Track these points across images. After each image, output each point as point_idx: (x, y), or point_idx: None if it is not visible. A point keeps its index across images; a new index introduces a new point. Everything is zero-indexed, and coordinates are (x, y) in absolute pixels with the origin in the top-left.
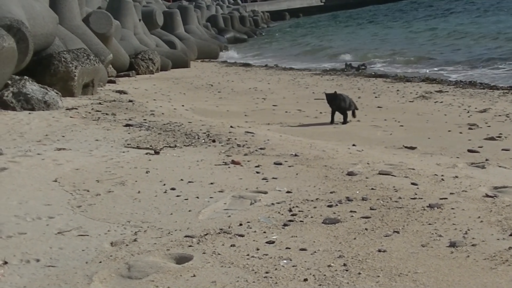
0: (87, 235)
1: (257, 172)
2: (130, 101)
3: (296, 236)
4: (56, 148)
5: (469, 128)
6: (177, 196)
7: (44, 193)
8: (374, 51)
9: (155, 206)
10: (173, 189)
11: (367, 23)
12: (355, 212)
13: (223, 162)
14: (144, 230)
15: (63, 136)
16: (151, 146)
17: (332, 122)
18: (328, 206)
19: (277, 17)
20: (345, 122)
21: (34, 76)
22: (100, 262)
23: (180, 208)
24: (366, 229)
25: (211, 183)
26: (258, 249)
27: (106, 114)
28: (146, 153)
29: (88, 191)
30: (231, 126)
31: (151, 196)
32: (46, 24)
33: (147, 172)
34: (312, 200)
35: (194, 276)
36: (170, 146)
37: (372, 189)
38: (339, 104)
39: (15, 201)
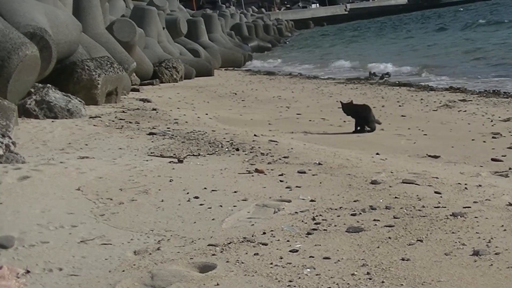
0: (110, 244)
1: (281, 181)
2: (154, 109)
3: (320, 245)
4: (79, 156)
5: (493, 137)
6: (201, 204)
7: (67, 201)
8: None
9: (179, 214)
10: (196, 197)
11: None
12: (379, 220)
13: (247, 170)
14: (168, 239)
15: (86, 145)
16: (174, 154)
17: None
18: (352, 214)
19: (301, 26)
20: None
21: (57, 84)
22: (123, 271)
23: (204, 216)
24: (389, 237)
25: (235, 192)
26: (281, 258)
27: (130, 122)
28: (170, 162)
29: (111, 199)
30: (254, 135)
31: (175, 205)
32: (69, 32)
33: (170, 181)
34: (335, 209)
35: (217, 285)
36: (193, 155)
37: (395, 197)
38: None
39: (37, 210)
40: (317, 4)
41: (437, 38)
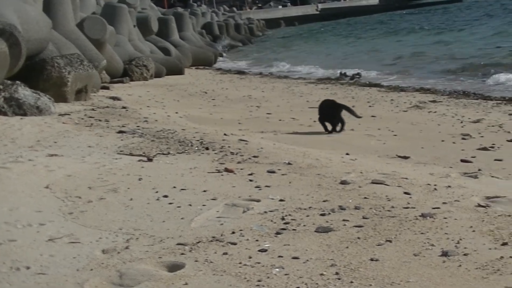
0: (79, 242)
1: (250, 180)
2: (124, 107)
3: (289, 245)
4: (48, 154)
5: (463, 138)
6: (170, 203)
7: (35, 199)
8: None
9: (148, 213)
10: (165, 196)
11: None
12: (348, 221)
13: (216, 169)
14: (136, 238)
15: (55, 142)
16: (144, 153)
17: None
18: (321, 214)
19: (272, 25)
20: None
21: (27, 81)
22: (92, 269)
23: (173, 215)
24: (358, 238)
25: (204, 191)
26: (250, 257)
27: (99, 120)
28: (139, 160)
29: (80, 198)
30: (224, 134)
31: (144, 204)
32: (39, 28)
33: (139, 179)
34: (305, 209)
35: (186, 284)
36: (163, 153)
37: (365, 198)
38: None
39: (5, 208)
40: (289, 4)
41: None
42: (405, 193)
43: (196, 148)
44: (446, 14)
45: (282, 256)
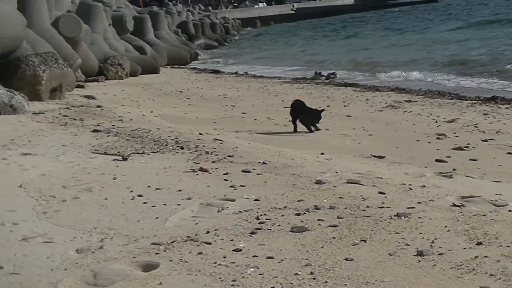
0: (52, 242)
1: (225, 180)
2: (99, 106)
3: (264, 244)
4: (22, 153)
5: (438, 138)
6: (145, 203)
7: (8, 198)
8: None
9: (122, 213)
10: (140, 196)
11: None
12: (323, 220)
13: (191, 169)
14: (111, 237)
15: (29, 141)
16: (119, 152)
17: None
18: (296, 214)
19: (248, 24)
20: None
21: (1, 79)
22: (65, 269)
23: (147, 215)
24: (333, 237)
25: (179, 190)
26: (225, 257)
27: (74, 119)
28: (114, 159)
29: (54, 197)
30: (199, 133)
31: (118, 203)
32: (14, 26)
33: (114, 179)
34: (280, 208)
35: (160, 284)
36: (138, 153)
37: (340, 197)
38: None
39: None
40: (264, 3)
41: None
42: (380, 192)
43: (171, 148)
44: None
45: (257, 256)
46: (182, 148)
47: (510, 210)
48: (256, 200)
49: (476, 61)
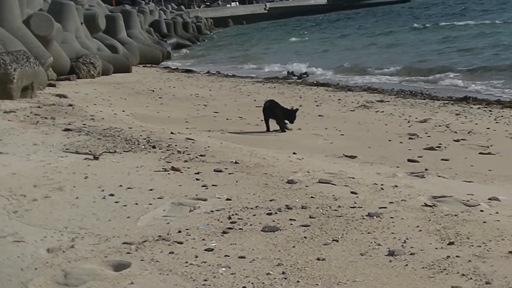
0: (23, 241)
1: (197, 179)
2: (70, 105)
3: (235, 244)
4: None
5: (410, 138)
6: (116, 202)
7: None
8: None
9: (93, 212)
10: (112, 195)
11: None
12: (295, 220)
13: (163, 168)
14: (82, 237)
15: (0, 140)
16: (90, 151)
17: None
18: (268, 214)
19: (220, 24)
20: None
21: None
22: (36, 269)
23: (119, 214)
24: (305, 237)
25: (151, 190)
26: (196, 257)
27: (45, 118)
28: (85, 158)
29: (24, 196)
30: (171, 133)
31: (89, 202)
32: None
33: (85, 178)
34: (251, 208)
35: (132, 283)
36: (109, 152)
37: (311, 197)
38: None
39: None
40: (237, 3)
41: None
42: (352, 192)
43: (143, 147)
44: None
45: (228, 256)
46: (154, 147)
47: (481, 210)
48: (228, 199)
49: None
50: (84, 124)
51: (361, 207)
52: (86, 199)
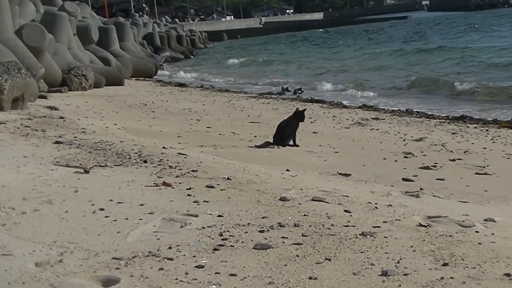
0: (11, 255)
1: (189, 195)
2: (61, 117)
3: (226, 261)
4: None
5: (405, 157)
6: (106, 216)
7: None
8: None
9: (83, 226)
10: (102, 209)
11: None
12: (287, 238)
13: (154, 183)
14: (71, 251)
15: None
16: (81, 164)
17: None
18: (260, 231)
19: (215, 38)
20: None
21: None
22: (24, 283)
23: (109, 229)
24: (297, 255)
25: (141, 205)
26: (187, 273)
27: (36, 130)
28: (76, 172)
29: (13, 209)
30: (163, 147)
31: (79, 216)
32: None
33: (75, 191)
34: (243, 225)
35: None
36: (100, 165)
37: (304, 215)
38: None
39: None
40: (232, 17)
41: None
42: (346, 211)
43: (134, 161)
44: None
45: (219, 273)
46: (145, 161)
47: (477, 231)
48: (219, 216)
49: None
50: (75, 137)
51: (354, 226)
52: (76, 213)
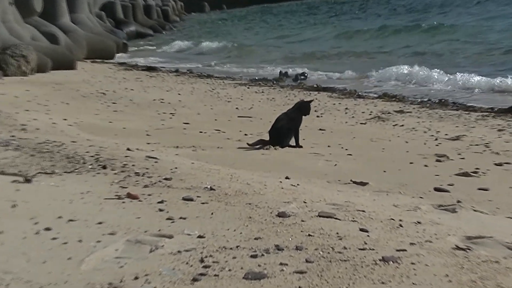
0: None
1: (161, 210)
2: None
3: None
4: None
5: (437, 160)
6: (53, 238)
7: None
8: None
9: (23, 251)
10: (48, 229)
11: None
12: (287, 265)
13: (116, 195)
14: (7, 284)
15: None
16: (20, 171)
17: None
18: (252, 256)
19: (193, 9)
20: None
21: None
22: None
23: (57, 254)
24: (300, 287)
25: (99, 223)
26: None
27: None
28: (13, 181)
29: None
30: (128, 149)
31: (18, 238)
32: None
33: (13, 206)
34: (231, 248)
35: None
36: (46, 173)
37: (309, 235)
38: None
39: None
40: None
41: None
42: (362, 230)
43: (90, 167)
44: None
45: None
46: (104, 167)
47: None
48: (200, 237)
49: None
50: (12, 136)
51: (373, 249)
52: (14, 234)
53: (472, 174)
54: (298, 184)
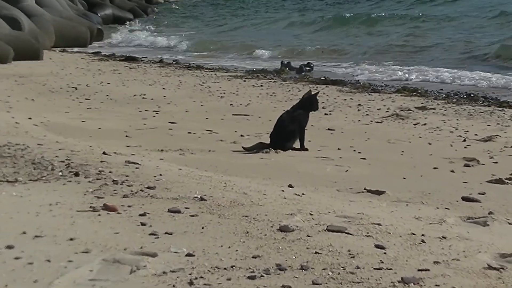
0: None
1: (143, 224)
2: None
3: None
4: None
5: (466, 165)
6: (17, 258)
7: None
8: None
9: None
10: (10, 247)
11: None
12: (290, 287)
13: (91, 207)
14: None
15: None
16: None
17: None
18: (249, 277)
19: None
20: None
21: None
22: None
23: (20, 276)
24: None
25: (71, 239)
26: None
27: None
28: None
29: None
30: (104, 153)
31: None
32: None
33: None
34: (225, 268)
35: None
36: (7, 181)
37: (316, 253)
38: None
39: None
40: None
41: None
42: (377, 246)
43: (60, 174)
44: None
45: None
46: (76, 174)
47: None
48: (189, 255)
49: None
50: None
51: (391, 269)
52: None
53: (506, 181)
54: (303, 193)
